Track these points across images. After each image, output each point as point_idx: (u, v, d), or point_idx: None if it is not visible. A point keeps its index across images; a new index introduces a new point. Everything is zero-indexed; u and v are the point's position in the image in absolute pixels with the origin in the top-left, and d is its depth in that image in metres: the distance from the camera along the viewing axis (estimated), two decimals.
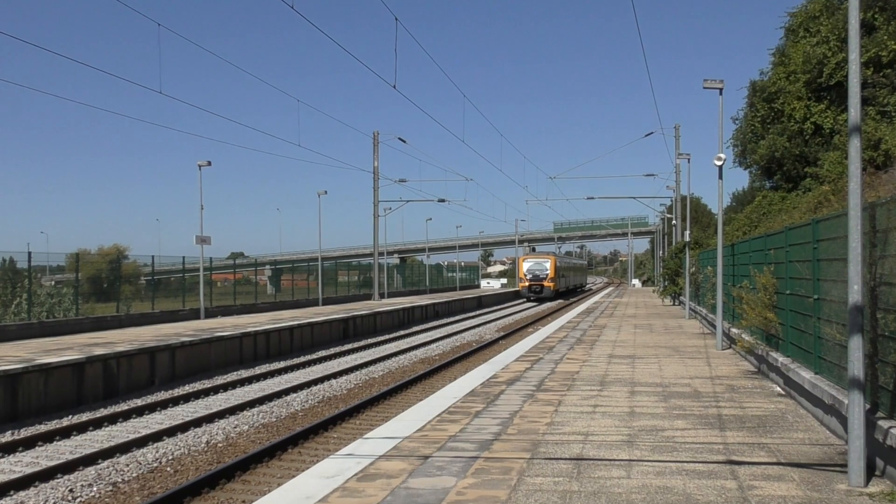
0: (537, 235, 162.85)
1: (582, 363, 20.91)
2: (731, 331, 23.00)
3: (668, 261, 54.48)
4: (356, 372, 29.34)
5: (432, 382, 26.49)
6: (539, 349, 24.69)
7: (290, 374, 28.98)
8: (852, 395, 9.20)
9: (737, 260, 24.02)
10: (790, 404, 14.45)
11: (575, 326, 34.65)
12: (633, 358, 22.15)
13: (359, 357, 34.21)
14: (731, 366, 20.32)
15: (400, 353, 35.32)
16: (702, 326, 33.27)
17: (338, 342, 40.23)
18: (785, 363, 15.25)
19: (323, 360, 33.04)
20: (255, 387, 26.00)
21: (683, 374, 18.58)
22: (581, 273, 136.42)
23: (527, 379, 17.94)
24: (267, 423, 19.97)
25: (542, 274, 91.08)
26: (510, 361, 21.40)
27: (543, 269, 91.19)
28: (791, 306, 15.42)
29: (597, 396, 15.36)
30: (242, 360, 31.49)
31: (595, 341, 27.32)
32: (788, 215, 38.05)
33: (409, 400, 22.80)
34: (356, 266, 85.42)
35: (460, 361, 32.06)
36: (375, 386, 26.22)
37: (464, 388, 16.53)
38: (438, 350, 37.20)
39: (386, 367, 30.94)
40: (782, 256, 16.29)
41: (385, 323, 48.82)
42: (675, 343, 26.58)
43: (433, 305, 61.63)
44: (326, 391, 24.87)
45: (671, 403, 14.51)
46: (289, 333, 35.67)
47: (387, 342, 40.92)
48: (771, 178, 52.15)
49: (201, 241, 44.83)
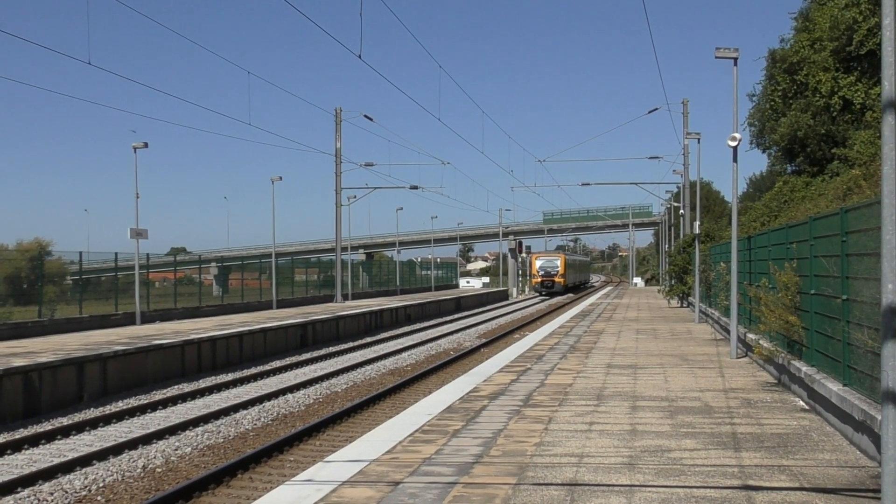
0: (524, 227, 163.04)
1: (576, 374, 20.93)
2: (748, 337, 23.08)
3: (675, 256, 54.65)
4: (316, 385, 29.27)
5: (404, 397, 26.46)
6: (526, 358, 24.71)
7: (240, 388, 28.88)
8: (886, 410, 9.21)
9: (754, 255, 24.11)
10: (815, 421, 14.51)
11: (568, 332, 34.71)
12: (635, 368, 22.20)
13: (319, 368, 34.13)
14: (748, 377, 20.39)
15: (366, 363, 35.27)
16: (713, 332, 33.40)
17: (295, 351, 40.13)
18: (809, 373, 15.31)
19: (278, 371, 32.95)
20: (200, 402, 25.89)
21: (693, 387, 18.63)
22: (585, 269, 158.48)
23: (512, 392, 17.94)
24: (213, 445, 19.88)
25: (553, 271, 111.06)
26: (493, 372, 21.40)
27: (554, 267, 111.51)
28: (816, 308, 15.48)
29: (593, 412, 15.38)
30: (185, 373, 31.35)
31: (591, 349, 27.36)
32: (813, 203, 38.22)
33: (376, 417, 22.75)
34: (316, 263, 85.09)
35: (436, 373, 32.03)
36: (338, 401, 26.16)
37: (440, 404, 16.51)
38: (411, 360, 37.18)
39: (350, 379, 30.88)
40: (806, 251, 16.35)
41: (349, 328, 48.75)
42: (682, 351, 26.66)
43: (404, 308, 61.57)
44: (282, 407, 24.80)
45: (678, 420, 14.54)
46: (238, 341, 35.55)
47: (351, 351, 40.85)
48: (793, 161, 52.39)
49: (137, 234, 44.62)
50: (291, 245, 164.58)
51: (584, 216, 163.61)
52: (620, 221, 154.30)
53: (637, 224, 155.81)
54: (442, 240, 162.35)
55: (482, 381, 19.70)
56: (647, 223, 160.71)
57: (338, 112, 64.81)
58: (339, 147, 65.44)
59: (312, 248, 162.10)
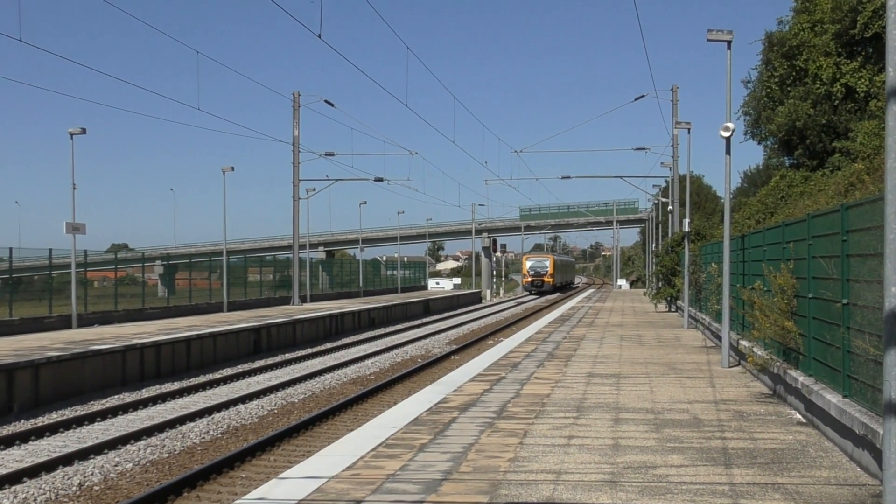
0: (499, 224, 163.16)
1: (554, 384, 20.98)
2: (741, 344, 23.20)
3: (663, 256, 54.78)
4: (271, 395, 29.22)
5: (366, 408, 26.46)
6: (500, 366, 24.75)
7: (187, 398, 28.81)
8: (889, 424, 9.29)
9: (748, 255, 24.22)
10: (812, 435, 14.61)
11: (546, 338, 34.78)
12: (618, 377, 22.27)
13: (274, 376, 34.08)
14: (740, 387, 20.50)
15: (326, 371, 35.25)
16: (704, 338, 33.56)
17: (248, 358, 40.06)
18: (806, 384, 15.41)
19: (229, 380, 32.88)
20: (143, 414, 25.81)
21: (681, 398, 18.72)
22: (571, 270, 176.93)
23: (485, 403, 17.97)
24: (157, 460, 19.82)
25: (542, 270, 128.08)
26: (464, 382, 21.43)
27: (544, 267, 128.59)
28: (815, 313, 15.58)
29: (572, 425, 15.43)
30: (126, 381, 31.24)
31: (571, 357, 27.43)
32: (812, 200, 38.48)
33: (337, 430, 22.74)
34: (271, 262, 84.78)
35: (402, 382, 32.04)
36: (295, 413, 26.14)
37: (406, 416, 16.52)
38: (374, 368, 37.17)
39: (308, 388, 30.85)
40: (804, 251, 16.44)
41: (307, 333, 48.69)
42: (670, 359, 26.76)
43: (368, 311, 61.54)
44: (233, 419, 24.75)
45: (665, 434, 14.61)
46: (185, 347, 35.45)
47: (310, 358, 40.81)
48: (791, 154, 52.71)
49: (73, 229, 44.40)
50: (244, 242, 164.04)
51: (565, 212, 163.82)
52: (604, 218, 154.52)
53: (622, 221, 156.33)
54: (409, 237, 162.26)
55: (452, 392, 19.72)
56: (633, 220, 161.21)
57: (296, 97, 64.69)
58: (296, 135, 65.33)
59: (268, 245, 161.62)
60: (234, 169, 62.29)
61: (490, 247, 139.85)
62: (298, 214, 66.68)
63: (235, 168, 62.01)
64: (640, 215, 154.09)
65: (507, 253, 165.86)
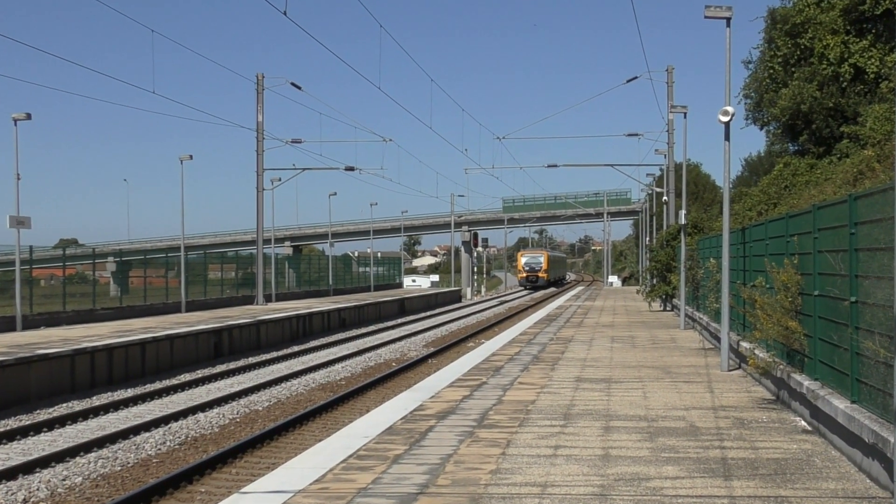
0: (480, 216, 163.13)
1: (539, 389, 20.99)
2: (741, 345, 23.25)
3: (658, 251, 54.90)
4: (233, 402, 29.17)
5: (336, 416, 26.44)
6: (482, 370, 24.75)
7: (142, 406, 28.73)
8: None
9: (749, 250, 24.26)
10: (818, 443, 14.64)
11: (531, 339, 34.80)
12: (609, 382, 22.29)
13: (236, 382, 34.03)
14: (741, 392, 20.54)
15: (293, 376, 35.20)
16: (701, 339, 33.63)
17: (208, 362, 39.97)
18: (812, 388, 15.44)
19: (187, 386, 32.80)
20: (93, 423, 25.73)
21: (676, 404, 18.75)
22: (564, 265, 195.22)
23: (464, 411, 17.97)
24: (109, 474, 19.76)
25: (537, 266, 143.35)
26: (442, 387, 21.42)
27: (538, 262, 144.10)
28: (821, 312, 15.60)
29: (559, 434, 15.43)
30: (75, 388, 31.12)
31: (558, 360, 27.45)
32: (819, 189, 38.54)
33: (304, 440, 22.72)
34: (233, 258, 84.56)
35: (375, 388, 32.02)
36: (259, 421, 26.11)
37: (379, 424, 16.50)
38: (345, 372, 37.15)
39: (273, 395, 30.81)
40: (809, 245, 16.46)
41: (273, 336, 48.62)
42: (665, 362, 26.81)
43: (338, 311, 61.49)
44: (191, 429, 24.69)
45: (659, 443, 14.62)
46: (140, 350, 35.34)
47: (275, 362, 40.76)
48: (795, 140, 52.85)
49: (18, 223, 44.21)
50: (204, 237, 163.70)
51: (551, 203, 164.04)
52: (594, 210, 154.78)
53: (613, 213, 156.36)
54: (383, 231, 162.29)
55: (429, 398, 19.71)
56: (625, 212, 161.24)
57: (259, 79, 64.55)
58: (260, 120, 65.19)
59: (229, 240, 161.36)
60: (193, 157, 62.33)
61: (471, 241, 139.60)
62: (263, 207, 66.58)
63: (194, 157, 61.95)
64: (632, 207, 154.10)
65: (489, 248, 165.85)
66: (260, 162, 65.50)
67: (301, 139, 70.64)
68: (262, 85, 64.56)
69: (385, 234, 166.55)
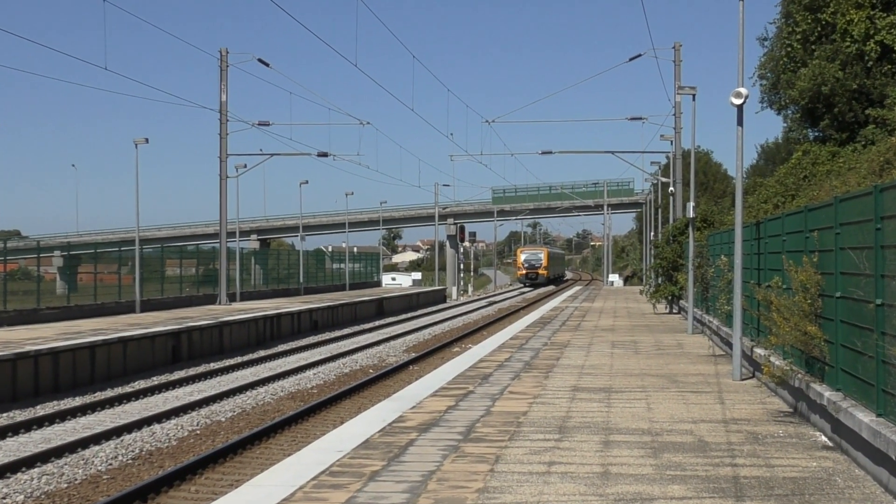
0: (467, 208, 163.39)
1: (532, 399, 20.99)
2: (755, 352, 23.27)
3: (663, 247, 54.92)
4: (192, 413, 29.14)
5: (307, 428, 26.43)
6: (468, 378, 24.74)
7: (91, 417, 28.69)
8: None
9: (764, 246, 24.28)
10: (840, 461, 14.65)
11: (523, 344, 34.80)
12: (609, 392, 22.30)
13: (196, 390, 34.00)
14: (755, 403, 20.56)
15: (259, 383, 35.18)
16: (711, 345, 33.65)
17: (165, 368, 39.90)
18: (833, 400, 15.45)
19: (142, 394, 32.76)
20: (37, 436, 25.67)
21: (683, 416, 18.76)
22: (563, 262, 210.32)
23: (449, 423, 17.96)
24: (54, 492, 19.71)
25: (537, 263, 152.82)
26: (425, 397, 21.41)
27: (538, 259, 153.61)
28: (843, 315, 15.61)
29: (553, 449, 15.42)
30: (16, 396, 31.06)
31: (552, 367, 27.45)
32: (841, 180, 38.62)
33: (271, 455, 22.69)
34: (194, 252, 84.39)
35: (350, 397, 32.04)
36: (221, 434, 26.07)
37: (354, 437, 16.48)
38: (317, 380, 37.13)
39: (238, 404, 30.79)
40: (831, 241, 16.47)
41: (237, 339, 48.58)
42: (671, 369, 26.83)
43: (310, 313, 61.48)
44: (146, 442, 24.65)
45: (664, 460, 14.62)
46: (89, 354, 35.26)
47: (240, 368, 40.74)
48: (815, 125, 52.89)
49: None
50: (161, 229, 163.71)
51: (546, 194, 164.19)
52: (592, 201, 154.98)
53: (614, 205, 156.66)
54: (360, 223, 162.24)
55: (410, 408, 19.69)
56: (628, 204, 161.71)
57: (223, 54, 64.43)
58: (224, 100, 65.08)
59: (189, 232, 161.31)
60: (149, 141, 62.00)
61: (456, 235, 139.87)
62: (226, 196, 66.42)
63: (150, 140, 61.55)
64: (635, 198, 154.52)
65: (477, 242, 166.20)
66: (223, 146, 65.40)
67: (269, 121, 70.50)
68: (225, 61, 64.44)
69: (362, 227, 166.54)
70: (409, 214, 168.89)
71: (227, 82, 64.73)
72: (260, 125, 70.19)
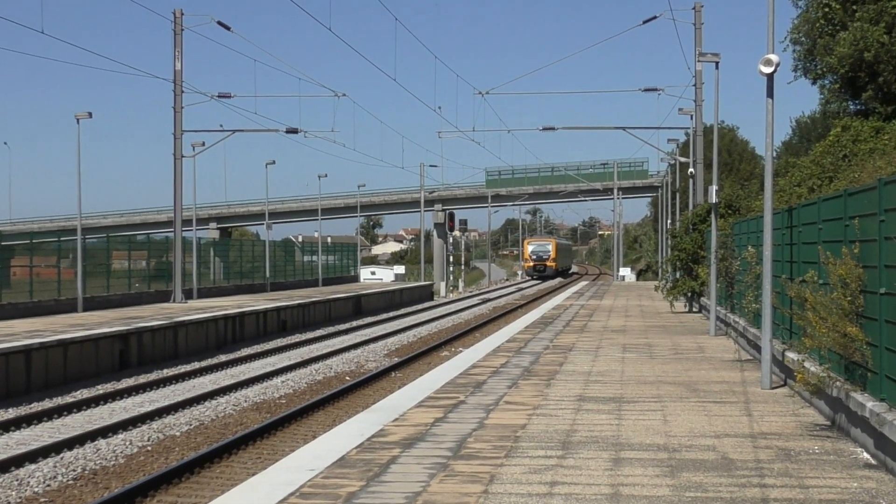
0: (458, 192, 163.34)
1: (532, 410, 21.00)
2: (787, 356, 23.27)
3: (682, 237, 54.90)
4: (143, 426, 29.12)
5: (275, 444, 26.44)
6: (459, 387, 24.74)
7: (26, 431, 28.67)
8: None
9: (798, 235, 24.28)
10: (885, 481, 14.66)
11: (521, 348, 34.81)
12: (620, 402, 22.32)
13: (148, 400, 33.98)
14: (786, 415, 20.58)
15: (219, 392, 35.16)
16: (737, 349, 33.67)
17: (111, 375, 39.89)
18: (877, 411, 15.45)
19: (85, 405, 32.71)
20: None
21: (705, 430, 18.77)
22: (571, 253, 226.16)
23: (436, 437, 17.96)
24: None
25: (545, 255, 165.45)
26: (409, 408, 21.40)
27: (546, 251, 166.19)
28: (889, 314, 15.59)
29: (556, 468, 15.42)
30: None
31: (555, 373, 27.47)
32: (887, 160, 38.62)
33: (233, 474, 22.69)
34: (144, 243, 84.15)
35: (323, 408, 32.04)
36: (176, 450, 26.05)
37: (328, 453, 16.47)
38: (286, 388, 37.12)
39: (195, 416, 30.77)
40: (874, 230, 16.45)
41: (194, 342, 48.56)
42: (690, 376, 26.87)
43: (277, 311, 61.52)
44: (90, 459, 24.62)
45: (682, 480, 14.63)
46: (23, 359, 35.25)
47: (197, 375, 40.74)
48: (857, 97, 52.86)
49: None
50: (108, 216, 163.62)
51: (548, 176, 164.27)
52: (601, 184, 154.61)
53: (626, 189, 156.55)
54: (335, 210, 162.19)
55: (392, 421, 19.69)
56: (641, 187, 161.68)
57: (177, 16, 64.35)
58: (179, 69, 64.98)
59: (139, 220, 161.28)
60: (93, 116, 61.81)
61: (445, 223, 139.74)
62: (181, 178, 66.39)
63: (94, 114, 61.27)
64: (650, 181, 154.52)
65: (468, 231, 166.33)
66: (178, 121, 65.33)
67: (230, 93, 70.50)
68: (180, 24, 64.36)
69: (337, 214, 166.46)
70: (391, 200, 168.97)
71: (182, 48, 64.64)
72: (220, 97, 70.16)
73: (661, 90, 74.26)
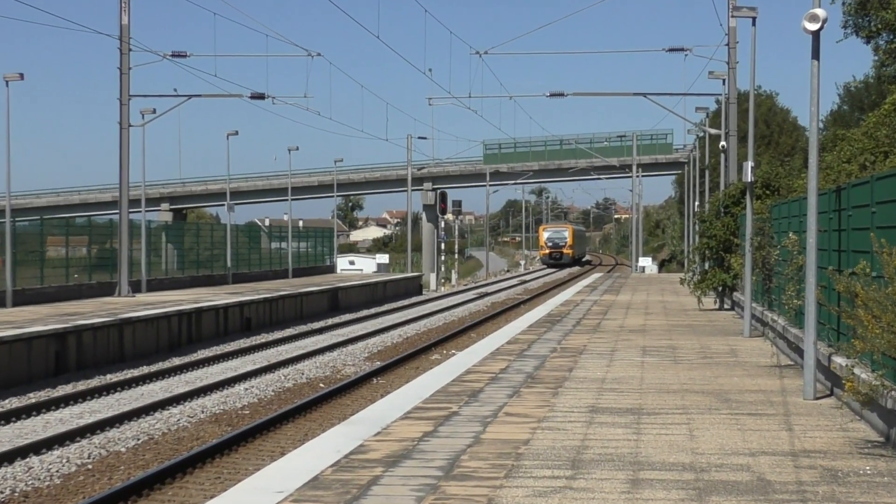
0: (451, 169, 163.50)
1: (536, 424, 21.01)
2: (834, 361, 23.28)
3: (711, 221, 54.90)
4: (82, 441, 29.12)
5: (236, 462, 26.46)
6: (451, 395, 24.75)
7: None
8: None
9: (848, 220, 24.29)
10: None
11: (524, 350, 34.81)
12: (639, 414, 22.34)
13: (88, 411, 33.97)
14: (833, 430, 20.59)
15: (172, 402, 35.14)
16: (775, 352, 33.70)
17: (45, 380, 39.87)
18: None
19: (14, 416, 32.71)
20: None
21: (738, 447, 18.78)
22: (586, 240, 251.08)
23: (425, 454, 17.96)
24: None
25: (561, 242, 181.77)
26: (393, 420, 21.41)
27: (563, 238, 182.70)
28: None
29: (564, 490, 15.43)
30: None
31: (563, 380, 27.49)
32: None
33: (188, 497, 22.73)
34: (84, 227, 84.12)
35: (293, 420, 32.05)
36: (121, 469, 26.05)
37: (299, 473, 16.46)
38: (250, 397, 37.15)
39: (143, 430, 30.78)
40: None
41: (143, 342, 48.55)
42: (721, 384, 26.89)
43: (240, 307, 61.54)
44: (21, 480, 24.62)
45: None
46: None
47: (146, 381, 40.74)
48: None
49: None
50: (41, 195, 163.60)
51: (555, 150, 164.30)
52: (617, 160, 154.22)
53: (646, 165, 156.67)
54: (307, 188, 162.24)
55: (373, 435, 19.70)
56: (664, 163, 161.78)
57: None
58: (126, 23, 64.93)
59: (79, 200, 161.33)
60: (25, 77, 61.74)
61: (436, 204, 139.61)
62: (129, 151, 66.34)
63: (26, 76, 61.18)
64: (675, 156, 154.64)
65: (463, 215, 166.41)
66: (125, 84, 65.25)
67: (186, 52, 70.58)
68: None
69: (310, 193, 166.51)
70: (374, 177, 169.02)
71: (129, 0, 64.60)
72: (174, 56, 70.16)
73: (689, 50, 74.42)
